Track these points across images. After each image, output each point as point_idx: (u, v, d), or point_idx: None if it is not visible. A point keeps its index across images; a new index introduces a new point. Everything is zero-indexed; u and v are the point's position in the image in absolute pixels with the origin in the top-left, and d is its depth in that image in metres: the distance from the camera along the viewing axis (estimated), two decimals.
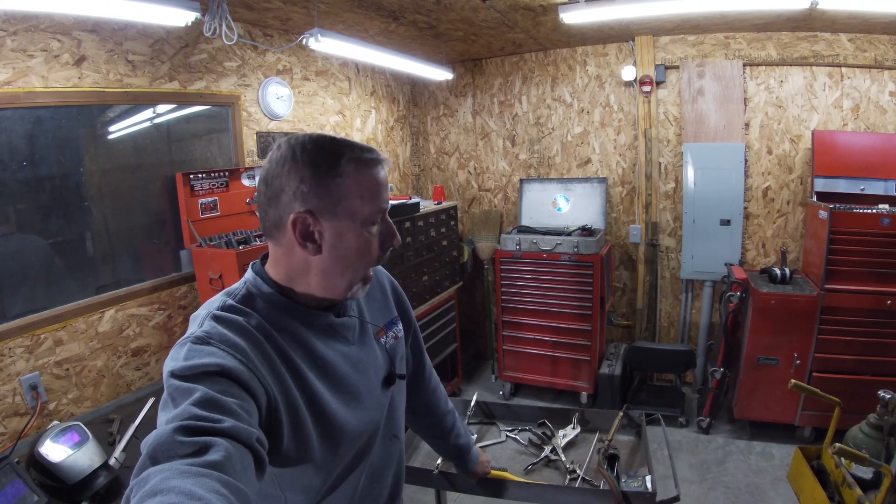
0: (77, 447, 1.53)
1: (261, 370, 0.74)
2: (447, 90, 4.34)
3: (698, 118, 3.52)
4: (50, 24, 1.98)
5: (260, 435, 0.65)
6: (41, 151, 2.02)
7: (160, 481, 0.51)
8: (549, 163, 4.08)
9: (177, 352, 0.72)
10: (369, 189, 0.81)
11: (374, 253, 0.85)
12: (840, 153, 3.10)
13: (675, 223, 3.75)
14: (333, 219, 0.79)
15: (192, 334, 0.74)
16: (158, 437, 0.58)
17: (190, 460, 0.55)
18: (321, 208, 0.78)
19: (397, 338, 1.04)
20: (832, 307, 2.83)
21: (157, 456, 0.56)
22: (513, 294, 3.63)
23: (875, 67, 3.15)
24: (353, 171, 0.79)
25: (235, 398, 0.66)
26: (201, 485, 0.51)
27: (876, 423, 2.14)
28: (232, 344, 0.73)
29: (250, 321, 0.78)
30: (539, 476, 1.50)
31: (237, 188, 2.71)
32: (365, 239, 0.82)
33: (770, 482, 2.70)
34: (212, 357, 0.69)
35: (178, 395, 0.65)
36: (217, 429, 0.60)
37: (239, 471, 0.57)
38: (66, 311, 2.08)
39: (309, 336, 0.84)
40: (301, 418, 0.79)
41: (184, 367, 0.67)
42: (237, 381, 0.69)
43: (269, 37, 2.96)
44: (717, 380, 3.12)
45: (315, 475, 0.84)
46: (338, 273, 0.83)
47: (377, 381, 0.95)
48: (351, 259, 0.82)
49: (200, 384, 0.65)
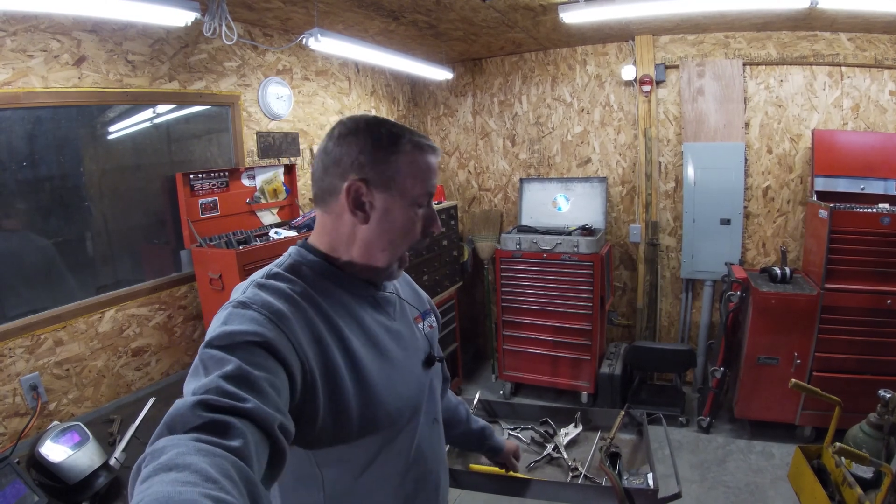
0: (77, 447, 1.53)
1: (300, 339, 0.74)
2: (447, 90, 4.34)
3: (698, 117, 3.53)
4: (50, 25, 1.98)
5: (284, 421, 0.63)
6: (41, 152, 2.02)
7: (176, 455, 0.49)
8: (549, 162, 4.08)
9: (217, 317, 0.72)
10: (422, 171, 0.86)
11: (416, 234, 0.88)
12: (840, 152, 3.10)
13: (676, 222, 3.75)
14: (385, 192, 0.84)
15: (235, 300, 0.75)
16: (179, 408, 0.57)
17: (207, 437, 0.53)
18: (375, 180, 0.83)
19: (432, 327, 1.06)
20: (832, 306, 2.83)
21: (174, 427, 0.55)
22: (513, 294, 3.63)
23: (875, 67, 3.15)
24: (409, 151, 0.84)
25: (268, 372, 0.65)
26: (216, 466, 0.49)
27: (876, 422, 2.14)
28: (274, 310, 0.73)
29: (294, 288, 0.80)
30: (542, 473, 1.51)
31: (237, 188, 2.70)
32: (410, 218, 0.86)
33: (770, 482, 2.71)
34: (251, 324, 0.69)
35: (211, 363, 0.64)
36: (240, 409, 0.58)
37: (253, 458, 0.56)
38: (66, 312, 2.08)
39: (353, 304, 0.86)
40: (342, 386, 0.78)
41: (221, 334, 0.67)
42: (273, 353, 0.68)
43: (269, 37, 2.96)
44: (718, 379, 3.12)
45: (353, 449, 0.83)
46: (380, 247, 0.86)
47: (418, 360, 0.96)
48: (395, 234, 0.86)
49: (234, 355, 0.65)
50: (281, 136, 3.09)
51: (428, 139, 0.89)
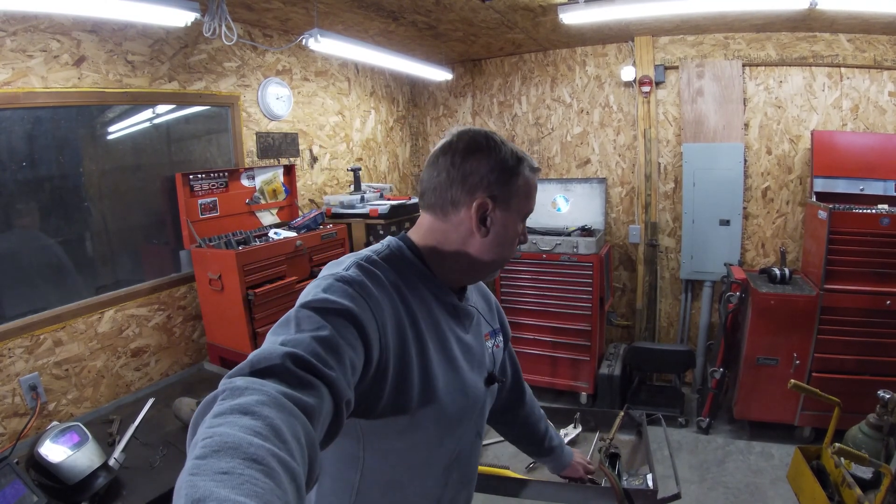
0: (77, 448, 1.52)
1: (387, 327, 0.77)
2: (447, 90, 4.34)
3: (698, 118, 3.53)
4: (49, 25, 1.98)
5: (351, 398, 0.65)
6: (41, 152, 2.02)
7: (256, 402, 0.49)
8: (548, 163, 4.08)
9: (317, 284, 0.75)
10: (532, 191, 0.95)
11: (515, 245, 0.96)
12: (839, 153, 3.10)
13: (675, 223, 3.75)
14: (505, 209, 0.90)
15: (337, 273, 0.77)
16: (269, 353, 0.58)
17: (289, 391, 0.53)
18: (500, 198, 0.89)
19: (499, 346, 1.08)
20: (831, 307, 2.83)
21: (259, 368, 0.56)
22: (512, 294, 3.63)
23: (874, 68, 3.16)
24: (527, 174, 0.92)
25: (352, 349, 0.68)
26: (289, 425, 0.49)
27: (875, 423, 2.14)
28: (370, 293, 0.76)
29: (389, 277, 0.83)
30: (541, 474, 1.50)
31: (237, 188, 2.71)
32: (518, 231, 0.95)
33: (770, 482, 2.71)
34: (349, 299, 0.72)
35: (306, 322, 0.66)
36: (325, 374, 0.60)
37: (320, 425, 0.57)
38: (66, 312, 2.08)
39: (435, 308, 0.89)
40: (410, 380, 0.81)
41: (320, 299, 0.70)
42: (361, 332, 0.70)
43: (269, 37, 2.96)
44: (717, 380, 3.12)
45: (400, 442, 0.86)
46: (490, 255, 0.92)
47: (480, 376, 0.98)
48: (505, 245, 0.93)
49: (329, 322, 0.67)
50: (280, 137, 3.09)
51: (534, 161, 0.96)
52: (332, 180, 3.56)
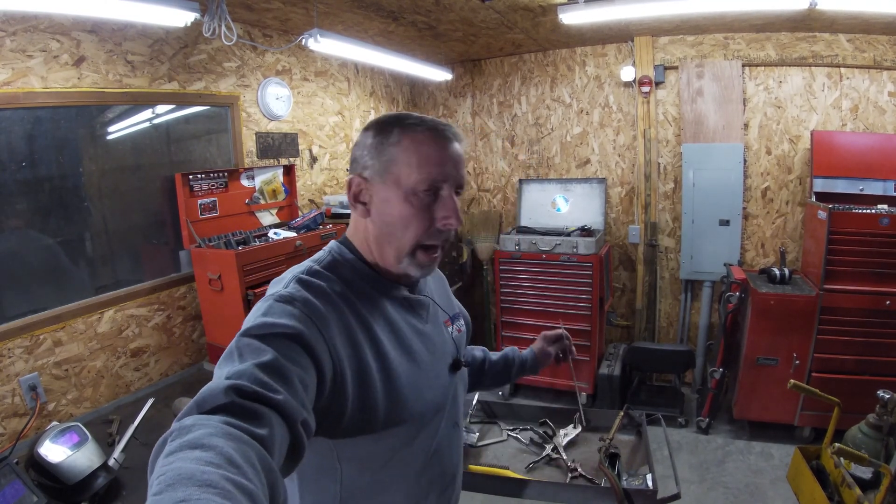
0: (76, 448, 1.52)
1: (335, 340, 0.75)
2: (446, 91, 4.34)
3: (697, 118, 3.53)
4: (49, 25, 1.98)
5: (307, 417, 0.64)
6: (40, 152, 2.02)
7: (203, 435, 0.50)
8: (548, 163, 4.09)
9: (257, 308, 0.74)
10: (420, 158, 0.81)
11: (419, 226, 0.83)
12: (839, 153, 3.10)
13: (675, 223, 3.75)
14: (381, 183, 0.83)
15: (277, 293, 0.76)
16: (212, 389, 0.58)
17: (237, 422, 0.54)
18: (372, 172, 0.83)
19: (461, 331, 1.06)
20: (831, 307, 2.83)
21: (205, 406, 0.56)
22: (512, 294, 3.63)
23: (874, 68, 3.16)
24: (402, 139, 0.82)
25: (300, 368, 0.67)
26: (241, 452, 0.49)
27: (875, 423, 2.14)
28: (313, 308, 0.74)
29: (333, 287, 0.81)
30: (541, 474, 1.50)
31: (236, 188, 2.71)
32: (406, 208, 0.82)
33: (769, 482, 2.71)
34: (291, 319, 0.70)
35: (247, 351, 0.65)
36: (271, 399, 0.59)
37: (276, 448, 0.57)
38: (66, 312, 2.08)
39: (387, 305, 0.87)
40: (372, 387, 0.79)
41: (261, 324, 0.69)
42: (308, 350, 0.69)
43: (269, 37, 2.96)
44: (717, 380, 3.12)
45: (374, 446, 0.84)
46: (385, 241, 0.85)
47: (444, 365, 0.96)
48: (394, 227, 0.83)
49: (271, 346, 0.66)
50: (280, 137, 3.09)
51: (427, 123, 0.84)
52: (332, 180, 3.56)
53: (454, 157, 0.85)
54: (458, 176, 0.85)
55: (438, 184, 0.83)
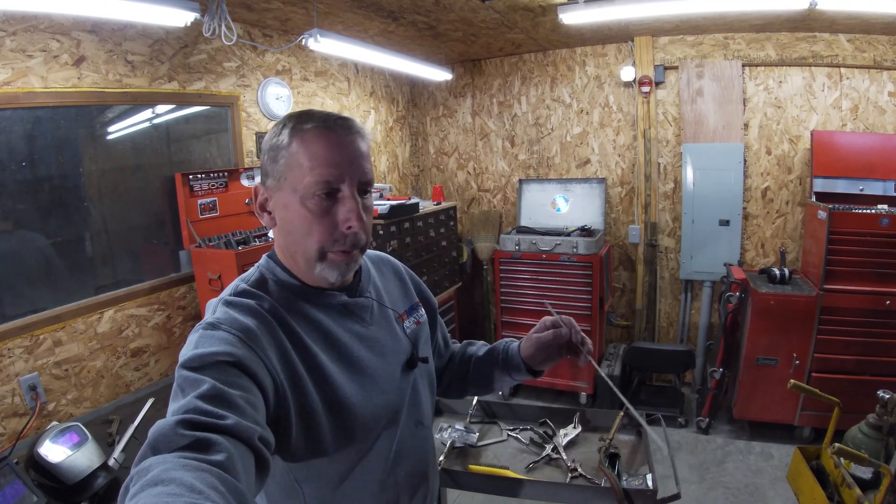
0: (76, 448, 1.52)
1: (270, 356, 0.74)
2: (446, 91, 4.34)
3: (697, 118, 3.53)
4: (49, 25, 1.98)
5: (264, 433, 0.65)
6: (40, 152, 2.02)
7: (162, 472, 0.51)
8: (548, 163, 4.09)
9: (189, 340, 0.74)
10: (310, 159, 0.76)
11: (321, 233, 0.78)
12: (839, 153, 3.10)
13: (675, 223, 3.75)
14: (279, 191, 0.80)
15: (205, 321, 0.75)
16: (161, 428, 0.58)
17: (191, 454, 0.55)
18: (272, 180, 0.80)
19: (419, 322, 1.02)
20: (831, 307, 2.83)
21: (158, 447, 0.56)
22: (512, 294, 3.63)
23: (874, 68, 3.16)
24: (291, 140, 0.77)
25: (242, 390, 0.66)
26: (201, 479, 0.51)
27: (875, 423, 2.14)
28: (242, 327, 0.73)
29: (262, 304, 0.79)
30: (541, 474, 1.51)
31: (236, 188, 2.70)
32: (304, 214, 0.77)
33: (769, 482, 2.71)
34: (221, 344, 0.70)
35: (187, 385, 0.65)
36: (220, 426, 0.60)
37: (239, 470, 0.57)
38: (66, 312, 2.08)
39: (321, 317, 0.84)
40: (311, 404, 0.78)
41: (193, 357, 0.68)
42: (245, 370, 0.69)
43: (269, 37, 2.96)
44: (717, 380, 3.12)
45: (329, 465, 0.82)
46: (293, 249, 0.82)
47: (397, 364, 0.92)
48: (296, 234, 0.80)
49: (208, 375, 0.65)
50: None
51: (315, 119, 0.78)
52: None
53: (351, 153, 0.78)
54: (359, 173, 0.79)
55: (335, 184, 0.77)
